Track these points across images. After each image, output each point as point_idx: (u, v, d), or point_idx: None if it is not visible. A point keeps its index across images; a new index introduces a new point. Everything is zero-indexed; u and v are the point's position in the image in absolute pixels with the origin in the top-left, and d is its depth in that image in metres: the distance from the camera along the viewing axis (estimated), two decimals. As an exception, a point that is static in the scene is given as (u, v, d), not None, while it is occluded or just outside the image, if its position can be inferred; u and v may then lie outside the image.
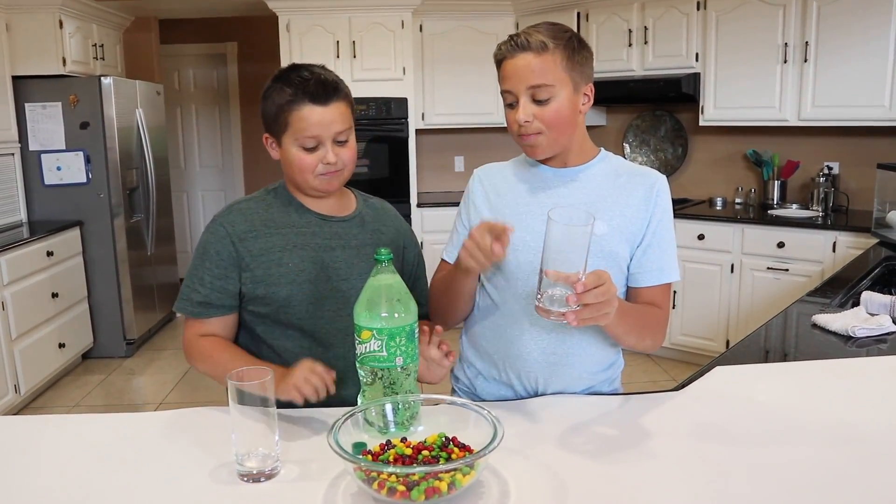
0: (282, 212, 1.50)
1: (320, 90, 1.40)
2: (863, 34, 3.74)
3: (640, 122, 5.03)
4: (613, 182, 1.43)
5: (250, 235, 1.46)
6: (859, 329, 1.83)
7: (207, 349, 1.47)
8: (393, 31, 4.81)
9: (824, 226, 3.80)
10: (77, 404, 3.96)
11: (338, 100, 1.42)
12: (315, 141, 1.41)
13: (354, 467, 1.01)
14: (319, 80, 1.41)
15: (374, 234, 1.55)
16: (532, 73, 1.32)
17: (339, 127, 1.42)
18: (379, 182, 4.90)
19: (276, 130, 1.44)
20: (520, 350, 1.43)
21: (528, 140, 1.37)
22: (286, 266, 1.45)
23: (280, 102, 1.41)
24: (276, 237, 1.47)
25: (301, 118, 1.39)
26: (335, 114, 1.41)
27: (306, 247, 1.47)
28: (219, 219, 1.50)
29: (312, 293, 1.46)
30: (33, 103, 4.37)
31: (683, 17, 4.32)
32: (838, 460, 1.15)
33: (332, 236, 1.50)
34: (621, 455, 1.18)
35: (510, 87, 1.35)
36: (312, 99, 1.39)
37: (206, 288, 1.47)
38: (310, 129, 1.40)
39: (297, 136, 1.41)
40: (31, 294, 3.90)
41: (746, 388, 1.48)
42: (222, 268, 1.46)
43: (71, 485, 1.12)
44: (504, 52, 1.35)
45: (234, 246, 1.46)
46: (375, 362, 1.19)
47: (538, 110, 1.34)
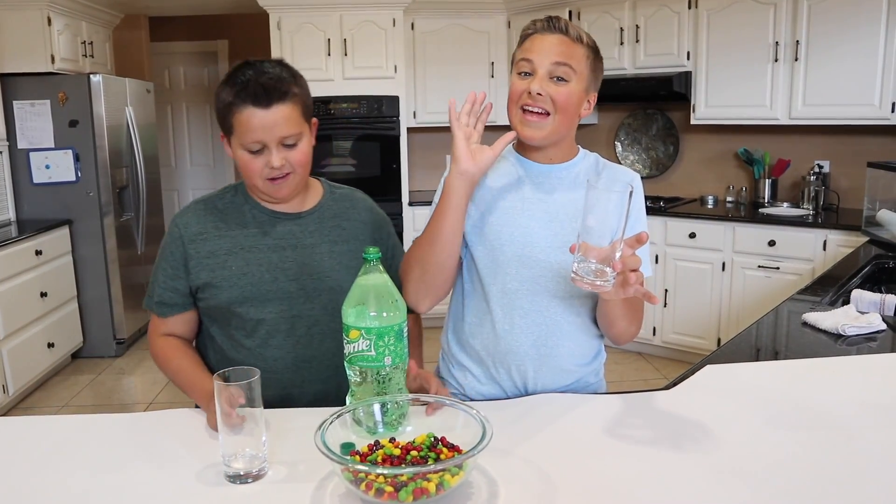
0: (236, 212, 1.49)
1: (261, 93, 1.34)
2: (853, 33, 3.75)
3: (632, 121, 5.03)
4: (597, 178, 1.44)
5: (200, 238, 1.47)
6: (849, 327, 1.83)
7: (163, 353, 1.51)
8: (384, 30, 4.79)
9: (815, 224, 3.81)
10: (66, 404, 3.94)
11: (281, 102, 1.35)
12: (259, 144, 1.37)
13: (342, 468, 1.00)
14: (260, 83, 1.34)
15: (334, 229, 1.52)
16: (561, 53, 1.33)
17: (285, 131, 1.37)
18: (370, 180, 4.88)
19: (226, 130, 1.41)
20: (510, 344, 1.43)
21: (532, 118, 1.34)
22: (229, 269, 1.45)
23: (225, 104, 1.37)
24: (223, 240, 1.47)
25: (241, 122, 1.36)
26: (278, 118, 1.35)
27: (253, 249, 1.46)
28: (176, 219, 1.51)
29: (254, 295, 1.45)
30: (22, 101, 4.33)
31: (675, 16, 4.33)
32: (828, 458, 1.15)
33: (285, 235, 1.48)
34: (611, 454, 1.18)
35: (533, 58, 1.33)
36: (253, 102, 1.34)
37: (161, 287, 1.50)
38: (252, 133, 1.35)
39: (242, 140, 1.37)
40: (20, 293, 3.87)
41: (737, 387, 1.48)
42: (175, 268, 1.48)
43: (59, 486, 1.11)
44: (538, 27, 1.36)
45: (184, 247, 1.47)
46: (364, 362, 1.18)
47: (553, 89, 1.33)
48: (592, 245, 1.14)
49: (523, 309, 1.42)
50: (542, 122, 1.34)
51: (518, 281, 1.41)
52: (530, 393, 1.46)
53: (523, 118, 1.35)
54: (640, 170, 5.04)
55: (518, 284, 1.41)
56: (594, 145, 5.18)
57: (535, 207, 1.42)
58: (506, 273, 1.41)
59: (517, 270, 1.40)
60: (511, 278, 1.41)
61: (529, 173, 1.44)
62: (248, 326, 1.47)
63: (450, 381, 1.55)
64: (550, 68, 1.32)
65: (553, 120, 1.34)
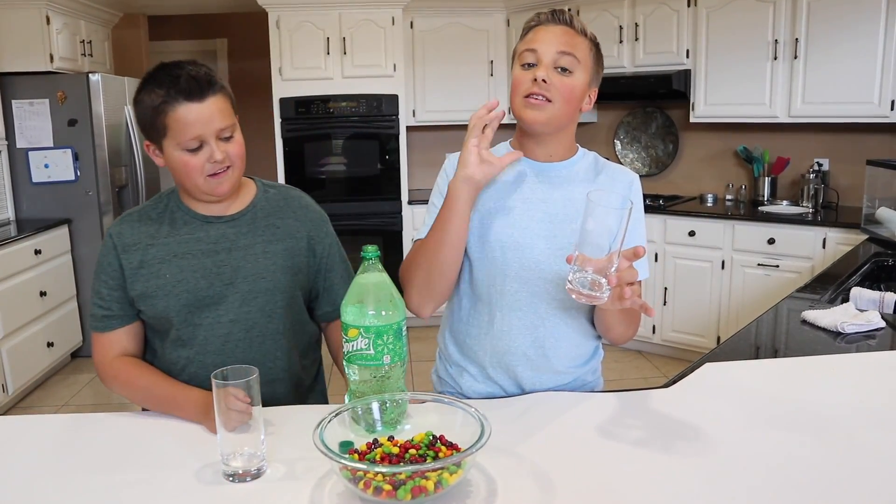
0: (168, 220, 1.47)
1: (193, 86, 1.33)
2: (852, 31, 3.75)
3: (631, 119, 5.03)
4: (594, 179, 1.44)
5: (133, 248, 1.44)
6: (848, 325, 1.83)
7: (122, 375, 1.45)
8: (384, 28, 4.79)
9: (814, 222, 3.81)
10: (66, 403, 3.94)
11: (214, 94, 1.35)
12: (198, 141, 1.34)
13: (340, 466, 1.00)
14: (190, 76, 1.33)
15: (268, 229, 1.49)
16: (565, 43, 1.33)
17: (221, 123, 1.36)
18: (369, 179, 4.88)
19: (155, 136, 1.37)
20: (507, 345, 1.43)
21: (536, 102, 1.32)
22: (164, 278, 1.42)
23: (154, 105, 1.34)
24: (156, 248, 1.44)
25: (178, 119, 1.33)
26: (213, 109, 1.34)
27: (186, 255, 1.44)
28: (110, 229, 1.48)
29: (190, 302, 1.43)
30: (20, 100, 4.33)
31: (674, 14, 4.32)
32: (827, 456, 1.15)
33: (218, 239, 1.45)
34: (610, 452, 1.18)
35: (537, 48, 1.33)
36: (187, 96, 1.32)
37: (106, 300, 1.45)
38: (189, 128, 1.33)
39: (178, 139, 1.34)
40: (19, 293, 3.86)
41: (736, 384, 1.48)
42: (114, 278, 1.45)
43: (58, 484, 1.11)
44: (542, 20, 1.36)
45: (118, 258, 1.44)
46: (362, 361, 1.18)
47: (558, 79, 1.32)
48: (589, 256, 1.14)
49: (521, 311, 1.42)
50: (546, 108, 1.33)
51: (516, 282, 1.40)
52: (527, 392, 1.46)
53: (528, 103, 1.34)
54: (639, 168, 5.03)
55: (516, 286, 1.41)
56: (593, 143, 5.18)
57: (535, 208, 1.41)
58: (504, 274, 1.41)
59: (515, 272, 1.40)
60: (509, 280, 1.40)
61: (528, 171, 1.43)
62: (186, 335, 1.44)
63: (447, 381, 1.54)
64: (555, 57, 1.32)
65: (555, 107, 1.33)
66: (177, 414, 1.35)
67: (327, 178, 4.88)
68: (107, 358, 1.47)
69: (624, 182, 1.44)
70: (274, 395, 1.48)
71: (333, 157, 4.92)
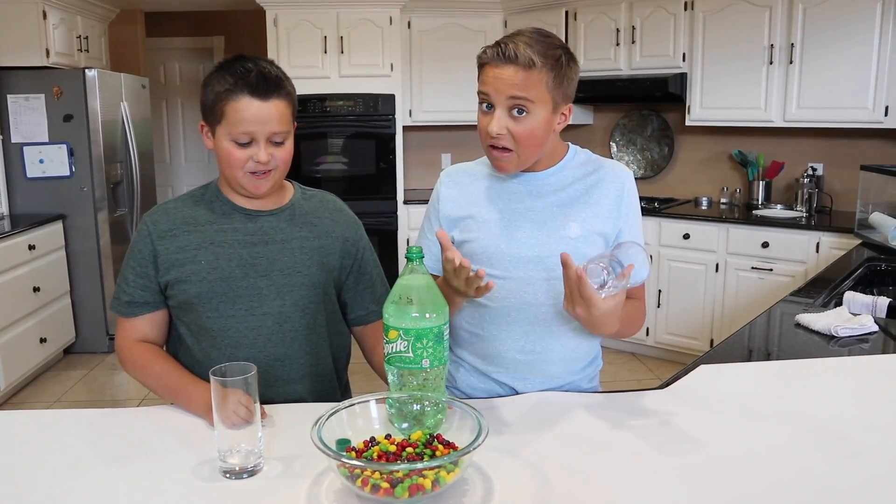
0: (207, 209, 1.48)
1: (261, 84, 1.34)
2: (848, 37, 3.77)
3: (627, 122, 5.05)
4: (584, 181, 1.43)
5: (170, 234, 1.45)
6: (842, 329, 1.84)
7: (140, 360, 1.46)
8: (381, 28, 4.79)
9: (808, 226, 3.83)
10: (58, 399, 3.92)
11: (279, 97, 1.37)
12: (248, 137, 1.36)
13: (338, 464, 1.01)
14: (261, 73, 1.35)
15: (305, 226, 1.50)
16: (514, 87, 1.28)
17: (276, 127, 1.37)
18: (365, 178, 4.88)
19: (212, 119, 1.40)
20: (498, 348, 1.45)
21: (497, 154, 1.35)
22: (199, 264, 1.43)
23: (219, 91, 1.36)
24: (193, 235, 1.45)
25: (236, 110, 1.34)
26: (273, 112, 1.36)
27: (224, 244, 1.44)
28: (145, 217, 1.49)
29: (223, 291, 1.43)
30: (16, 95, 4.32)
31: (671, 17, 4.34)
32: (821, 458, 1.16)
33: (256, 232, 1.46)
34: (606, 453, 1.18)
35: (489, 92, 1.31)
36: (252, 91, 1.34)
37: (131, 287, 1.47)
38: (244, 123, 1.35)
39: (231, 130, 1.36)
40: (12, 288, 3.85)
41: (730, 387, 1.49)
42: (143, 265, 1.46)
43: (51, 481, 1.11)
44: (490, 57, 1.30)
45: (153, 244, 1.45)
46: (401, 363, 1.16)
47: (513, 125, 1.31)
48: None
49: (510, 316, 1.43)
50: (508, 157, 1.35)
51: (504, 290, 1.41)
52: (519, 393, 1.46)
53: (491, 153, 1.37)
54: (634, 170, 5.05)
55: (504, 293, 1.41)
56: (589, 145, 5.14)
57: (522, 218, 1.42)
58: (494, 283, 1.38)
59: (502, 282, 1.40)
60: (500, 287, 1.40)
61: (516, 182, 1.44)
62: (217, 325, 1.44)
63: None
64: (507, 103, 1.30)
65: (518, 153, 1.34)
66: (183, 404, 1.36)
67: (323, 177, 4.88)
68: (127, 342, 1.49)
69: (616, 185, 1.43)
70: (301, 392, 1.49)
71: (330, 157, 4.92)
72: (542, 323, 1.43)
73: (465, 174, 1.50)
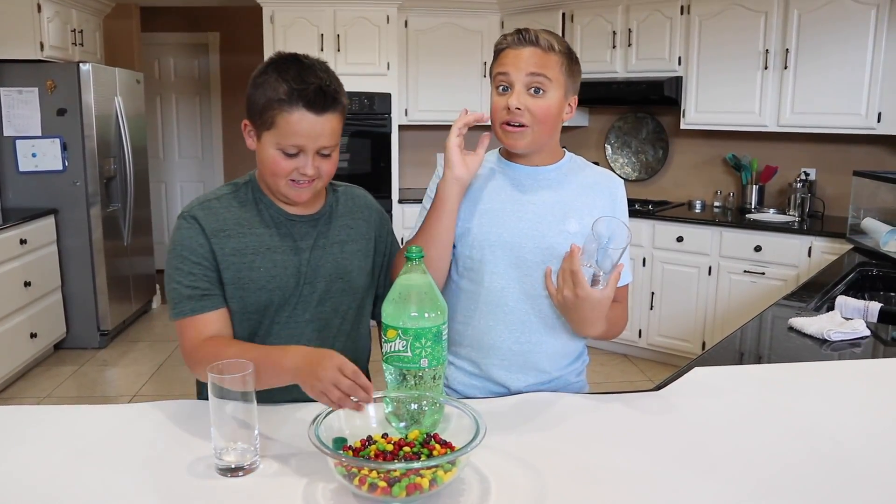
0: (252, 210, 1.41)
1: (319, 99, 1.28)
2: (842, 44, 3.79)
3: (622, 124, 5.06)
4: (580, 183, 1.49)
5: (223, 233, 1.37)
6: (834, 333, 1.85)
7: (212, 349, 1.30)
8: (378, 26, 4.79)
9: (800, 231, 3.85)
10: (48, 395, 3.90)
11: (333, 112, 1.31)
12: (297, 149, 1.31)
13: (335, 462, 1.01)
14: (321, 89, 1.29)
15: (343, 230, 1.48)
16: (534, 64, 1.35)
17: (327, 141, 1.32)
18: (360, 177, 4.87)
19: (259, 123, 1.33)
20: (493, 339, 1.46)
21: (511, 129, 1.38)
22: (258, 271, 1.38)
23: (272, 97, 1.29)
24: (249, 238, 1.39)
25: (290, 122, 1.29)
26: (326, 127, 1.31)
27: (279, 250, 1.40)
28: (188, 213, 1.39)
29: (278, 299, 1.40)
30: (9, 88, 4.29)
31: (667, 21, 4.35)
32: (813, 461, 1.17)
33: (302, 237, 1.42)
34: (601, 453, 1.19)
35: (508, 70, 1.36)
36: (308, 105, 1.28)
37: (198, 279, 1.36)
38: (296, 136, 1.29)
39: (280, 140, 1.30)
40: (3, 282, 3.83)
41: (724, 389, 1.50)
42: (202, 259, 1.36)
43: (42, 477, 1.10)
44: (510, 42, 1.38)
45: (208, 240, 1.37)
46: (399, 362, 1.16)
47: (531, 101, 1.36)
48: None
49: (507, 307, 1.45)
50: (524, 133, 1.39)
51: (502, 280, 1.44)
52: (513, 389, 1.48)
53: (506, 130, 1.40)
54: (629, 173, 5.06)
55: (502, 283, 1.44)
56: (584, 147, 5.20)
57: (523, 209, 1.45)
58: (493, 272, 1.44)
59: (502, 270, 1.44)
60: (496, 277, 1.44)
61: (518, 176, 1.48)
62: (262, 331, 1.41)
63: None
64: (527, 80, 1.36)
65: (533, 131, 1.38)
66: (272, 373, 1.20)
67: (318, 174, 4.86)
68: (197, 341, 1.34)
69: (609, 190, 1.50)
70: None
71: (324, 154, 4.90)
72: (537, 314, 1.45)
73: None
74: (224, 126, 6.54)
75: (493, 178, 1.49)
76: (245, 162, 6.38)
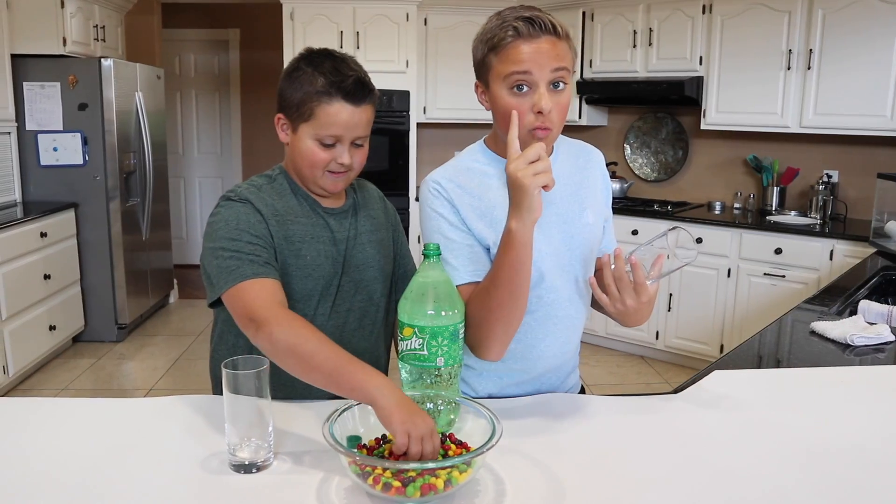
0: (292, 200, 1.42)
1: (358, 90, 1.34)
2: (867, 44, 3.73)
3: (642, 124, 5.02)
4: (575, 164, 1.42)
5: (274, 218, 1.37)
6: (858, 337, 1.82)
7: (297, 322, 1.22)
8: (397, 24, 4.78)
9: (822, 234, 3.80)
10: (66, 387, 3.94)
11: (370, 103, 1.37)
12: (335, 140, 1.35)
13: (349, 461, 1.00)
14: (359, 80, 1.34)
15: (366, 220, 1.51)
16: (556, 57, 1.19)
17: (362, 132, 1.38)
18: (378, 175, 4.87)
19: (295, 116, 1.36)
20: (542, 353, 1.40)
21: (544, 135, 1.21)
22: (304, 259, 1.38)
23: (310, 90, 1.33)
24: (296, 226, 1.39)
25: (329, 114, 1.33)
26: (363, 117, 1.36)
27: (322, 240, 1.42)
28: (237, 196, 1.37)
29: (320, 288, 1.41)
30: (32, 82, 4.33)
31: (689, 20, 4.31)
32: (835, 468, 1.14)
33: (337, 229, 1.45)
34: (620, 457, 1.17)
35: (530, 69, 1.18)
36: (346, 97, 1.33)
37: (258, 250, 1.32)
38: (335, 127, 1.34)
39: (319, 131, 1.34)
40: (23, 275, 3.86)
41: (745, 393, 1.47)
42: (264, 236, 1.34)
43: (57, 470, 1.10)
44: (523, 33, 1.18)
45: (265, 220, 1.35)
46: (415, 361, 1.15)
47: (555, 100, 1.20)
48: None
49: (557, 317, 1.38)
50: (549, 134, 1.24)
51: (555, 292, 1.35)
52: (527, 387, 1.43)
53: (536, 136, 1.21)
54: (648, 173, 5.02)
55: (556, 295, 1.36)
56: (603, 147, 5.13)
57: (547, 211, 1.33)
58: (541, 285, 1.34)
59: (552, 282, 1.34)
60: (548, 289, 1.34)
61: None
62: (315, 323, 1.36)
63: None
64: (550, 77, 1.19)
65: (555, 130, 1.24)
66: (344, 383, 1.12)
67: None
68: (270, 301, 1.26)
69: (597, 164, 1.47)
70: None
71: (342, 151, 4.91)
72: (575, 319, 1.40)
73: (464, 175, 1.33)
74: (243, 122, 6.57)
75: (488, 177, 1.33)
76: (264, 158, 6.41)
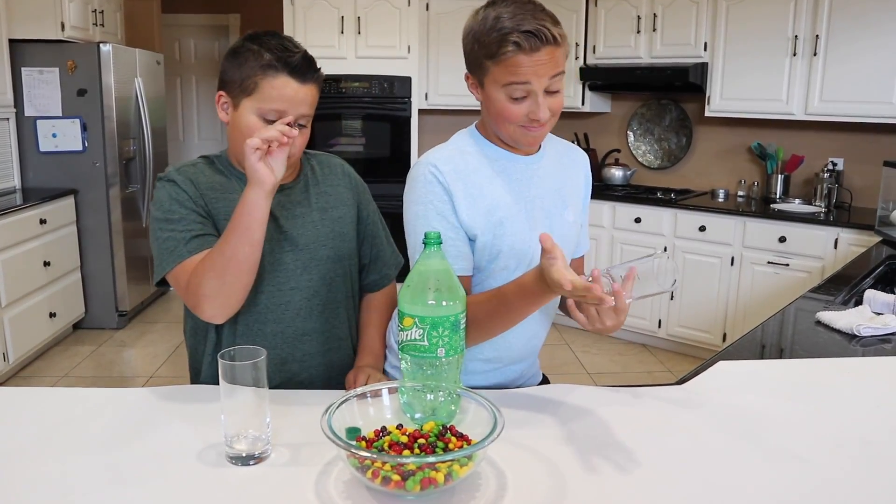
0: (226, 178, 1.43)
1: (304, 67, 1.34)
2: (874, 30, 3.68)
3: (645, 111, 4.97)
4: (560, 162, 1.45)
5: (211, 193, 1.39)
6: (864, 328, 1.80)
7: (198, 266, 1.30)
8: (399, 9, 4.73)
9: (826, 222, 3.77)
10: (66, 374, 3.93)
11: (315, 82, 1.37)
12: (278, 115, 1.34)
13: (347, 454, 0.98)
14: (305, 56, 1.35)
15: (321, 197, 1.49)
16: (554, 66, 1.24)
17: (306, 110, 1.37)
18: (379, 161, 4.84)
19: (237, 91, 1.35)
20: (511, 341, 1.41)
21: (535, 132, 1.29)
22: None
23: (254, 65, 1.32)
24: (221, 203, 1.39)
25: (274, 87, 1.32)
26: (307, 95, 1.35)
27: None
28: (166, 177, 1.39)
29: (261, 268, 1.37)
30: (30, 68, 4.29)
31: (693, 6, 4.26)
32: (841, 461, 1.12)
33: (274, 207, 1.38)
34: (623, 449, 1.15)
35: (530, 80, 1.22)
36: (292, 72, 1.33)
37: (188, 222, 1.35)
38: (279, 101, 1.33)
39: (262, 105, 1.33)
40: (23, 262, 3.85)
41: (750, 384, 1.45)
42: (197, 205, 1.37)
43: (55, 459, 1.09)
44: (525, 46, 1.20)
45: (201, 194, 1.38)
46: (416, 352, 1.13)
47: (550, 101, 1.27)
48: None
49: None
50: (541, 130, 1.30)
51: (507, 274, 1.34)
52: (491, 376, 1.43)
53: (528, 133, 1.29)
54: (651, 161, 4.99)
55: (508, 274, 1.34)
56: (606, 134, 5.13)
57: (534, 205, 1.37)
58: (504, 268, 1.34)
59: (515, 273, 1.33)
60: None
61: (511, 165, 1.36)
62: (258, 302, 1.42)
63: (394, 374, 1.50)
64: (547, 83, 1.25)
65: (548, 127, 1.31)
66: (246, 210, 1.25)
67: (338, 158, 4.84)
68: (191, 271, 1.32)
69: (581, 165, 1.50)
70: (334, 363, 1.50)
71: (343, 138, 4.88)
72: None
73: (460, 160, 1.33)
74: (243, 108, 6.52)
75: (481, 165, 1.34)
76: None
